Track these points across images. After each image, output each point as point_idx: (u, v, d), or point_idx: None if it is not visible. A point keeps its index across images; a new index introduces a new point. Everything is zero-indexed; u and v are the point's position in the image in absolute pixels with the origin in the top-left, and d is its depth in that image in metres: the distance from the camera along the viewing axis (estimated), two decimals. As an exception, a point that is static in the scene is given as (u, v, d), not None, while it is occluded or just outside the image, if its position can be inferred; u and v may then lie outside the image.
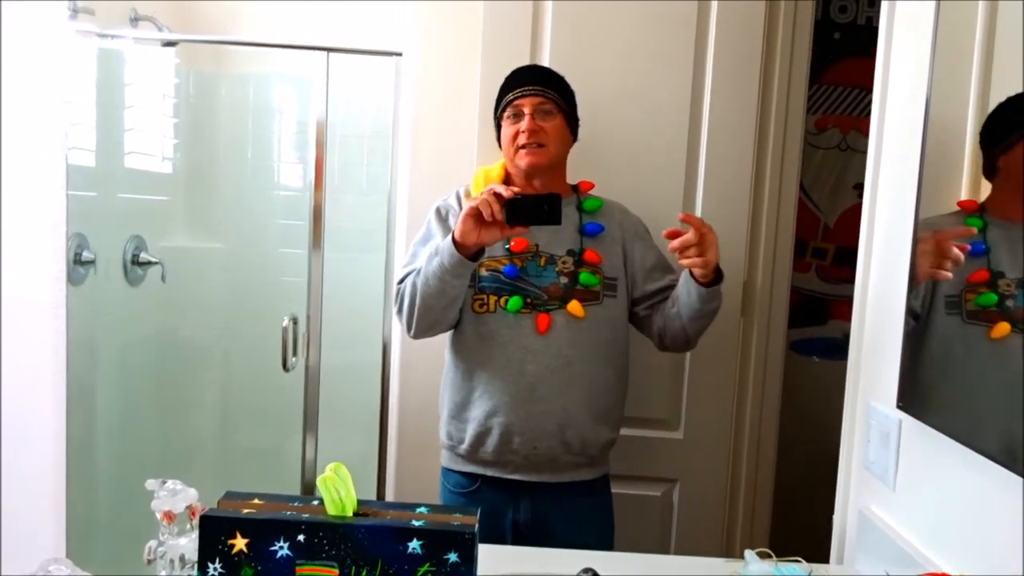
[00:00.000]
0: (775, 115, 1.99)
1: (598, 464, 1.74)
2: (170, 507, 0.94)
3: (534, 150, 1.67)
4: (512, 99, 1.69)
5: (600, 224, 1.73)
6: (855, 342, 1.44)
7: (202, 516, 0.84)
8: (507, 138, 1.70)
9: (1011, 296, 0.99)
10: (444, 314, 1.65)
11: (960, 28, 1.15)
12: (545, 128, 1.67)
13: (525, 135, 1.66)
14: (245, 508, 0.85)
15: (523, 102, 1.68)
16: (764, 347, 2.04)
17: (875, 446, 1.33)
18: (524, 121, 1.67)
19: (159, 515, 0.95)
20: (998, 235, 1.04)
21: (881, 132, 1.40)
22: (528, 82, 1.71)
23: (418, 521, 0.85)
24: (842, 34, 2.65)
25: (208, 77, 2.70)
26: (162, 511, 0.95)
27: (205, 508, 0.93)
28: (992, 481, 0.98)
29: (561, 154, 1.73)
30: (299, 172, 2.77)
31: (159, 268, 2.47)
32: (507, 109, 1.70)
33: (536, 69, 1.77)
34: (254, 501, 0.87)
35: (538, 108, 1.68)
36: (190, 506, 0.96)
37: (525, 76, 1.73)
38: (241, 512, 0.84)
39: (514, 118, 1.69)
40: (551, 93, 1.70)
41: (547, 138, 1.67)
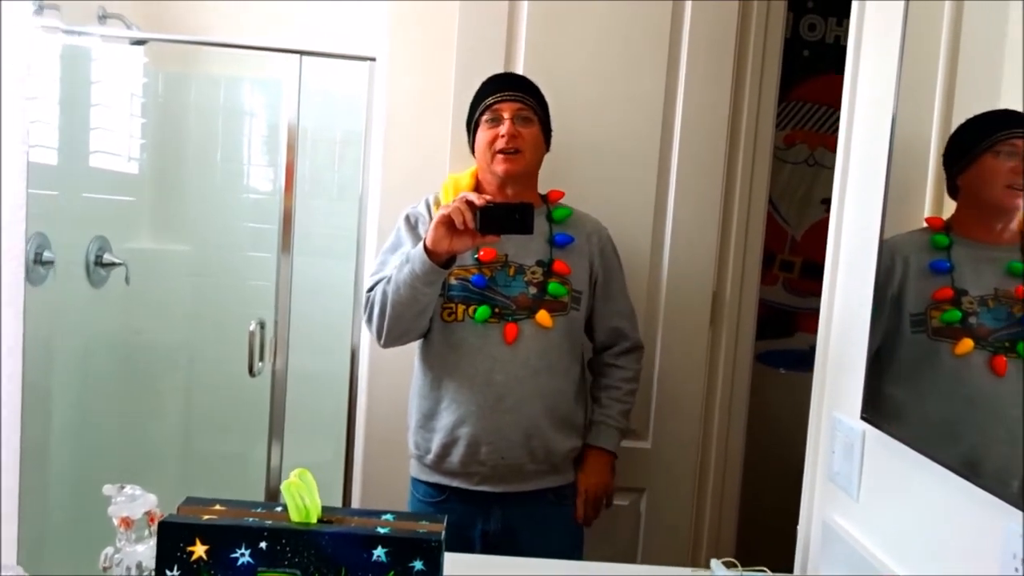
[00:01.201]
0: (745, 130, 2.01)
1: (563, 472, 1.74)
2: (128, 513, 0.92)
3: (511, 156, 1.66)
4: (492, 103, 1.68)
5: (570, 235, 1.73)
6: (821, 355, 1.45)
7: (161, 522, 0.82)
8: (484, 142, 1.69)
9: (974, 313, 1.01)
10: (415, 323, 1.64)
11: (925, 48, 1.17)
12: (523, 135, 1.67)
13: (504, 140, 1.65)
14: (206, 514, 0.83)
15: (503, 107, 1.67)
16: (732, 358, 2.06)
17: (839, 457, 1.34)
18: (503, 126, 1.66)
19: (116, 521, 0.93)
20: (962, 253, 1.06)
21: (848, 149, 1.42)
22: (508, 88, 1.70)
23: (383, 528, 0.84)
24: (811, 52, 2.70)
25: (178, 77, 2.66)
26: (119, 517, 0.92)
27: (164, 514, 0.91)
28: (953, 493, 1.00)
29: (536, 163, 1.73)
30: (269, 175, 2.74)
31: (123, 270, 2.43)
32: (485, 113, 1.69)
33: (515, 76, 1.77)
34: (215, 507, 0.85)
35: (517, 114, 1.67)
36: (149, 512, 0.94)
37: (505, 82, 1.73)
38: (201, 518, 0.82)
39: (492, 122, 1.68)
40: (530, 100, 1.70)
41: (524, 145, 1.67)
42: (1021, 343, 0.91)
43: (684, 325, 1.99)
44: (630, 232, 1.86)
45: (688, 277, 1.99)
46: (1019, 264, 0.94)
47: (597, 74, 1.93)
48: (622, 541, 2.02)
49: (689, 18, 1.94)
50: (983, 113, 1.06)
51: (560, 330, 1.69)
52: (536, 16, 1.93)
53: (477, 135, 1.72)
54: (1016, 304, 0.94)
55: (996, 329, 0.96)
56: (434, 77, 2.02)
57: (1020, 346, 0.91)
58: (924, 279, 1.11)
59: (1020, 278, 0.95)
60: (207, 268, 2.67)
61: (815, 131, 2.72)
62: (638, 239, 1.93)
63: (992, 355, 0.97)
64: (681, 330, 1.99)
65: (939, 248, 1.08)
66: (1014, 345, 0.92)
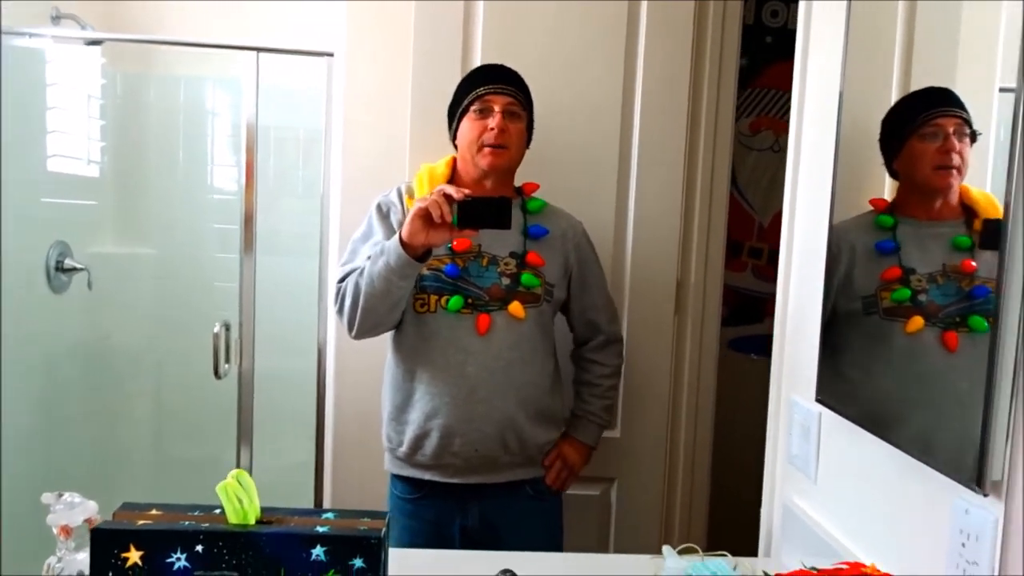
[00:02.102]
0: (705, 117, 2.00)
1: (538, 463, 1.74)
2: (67, 521, 0.90)
3: (497, 151, 1.63)
4: (483, 94, 1.64)
5: (544, 227, 1.72)
6: (778, 339, 1.46)
7: (93, 529, 0.81)
8: (471, 133, 1.64)
9: (923, 291, 1.01)
10: (388, 315, 1.62)
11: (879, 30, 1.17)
12: (511, 130, 1.64)
13: (494, 133, 1.62)
14: (141, 519, 0.82)
15: (494, 99, 1.64)
16: (698, 345, 2.06)
17: (797, 440, 1.35)
18: (494, 119, 1.62)
19: (56, 530, 0.91)
20: (907, 232, 1.06)
21: (799, 135, 1.42)
22: (500, 80, 1.66)
23: (323, 527, 0.82)
24: (774, 38, 2.70)
25: (136, 78, 2.63)
26: (59, 526, 0.91)
27: (106, 520, 0.89)
28: (905, 471, 1.00)
29: (518, 158, 1.70)
30: (233, 175, 2.71)
31: (85, 275, 2.40)
32: (475, 103, 1.64)
33: (507, 69, 1.70)
34: (151, 512, 0.83)
35: (508, 108, 1.64)
36: (89, 519, 0.92)
37: (497, 73, 1.68)
38: (135, 523, 0.81)
39: (481, 114, 1.64)
40: (520, 96, 1.67)
41: (511, 140, 1.64)
42: (972, 317, 0.91)
43: (649, 314, 1.99)
44: (593, 223, 1.84)
45: (652, 266, 1.98)
46: (964, 238, 0.95)
47: (555, 66, 1.92)
48: (594, 531, 2.02)
49: (645, 8, 1.93)
50: (907, 96, 1.07)
51: (533, 322, 1.68)
52: (493, 9, 1.91)
53: (462, 124, 1.67)
54: (964, 279, 0.94)
55: (946, 305, 0.97)
56: (392, 72, 2.00)
57: (972, 320, 0.91)
58: (872, 261, 1.11)
59: (966, 252, 0.95)
60: (172, 271, 2.64)
61: (780, 118, 2.72)
62: (601, 230, 1.92)
63: (943, 331, 0.97)
64: (647, 319, 1.99)
65: (884, 229, 1.08)
66: (965, 320, 0.92)
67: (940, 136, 0.97)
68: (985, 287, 0.87)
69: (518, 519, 1.71)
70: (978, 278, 0.91)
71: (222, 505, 0.85)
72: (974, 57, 0.98)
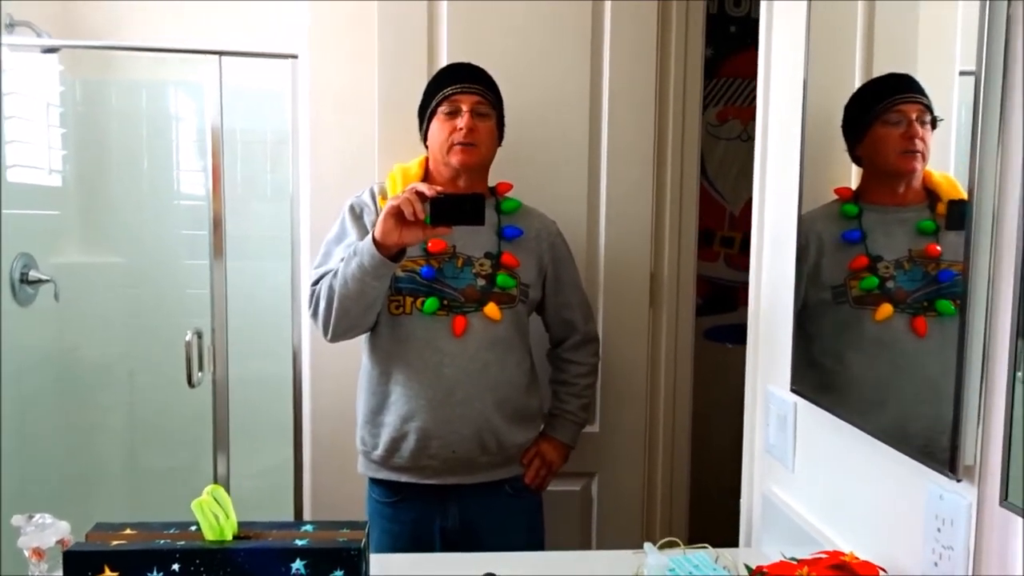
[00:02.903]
0: (673, 109, 2.01)
1: (515, 463, 1.74)
2: (38, 543, 0.88)
3: (468, 149, 1.62)
4: (451, 94, 1.64)
5: (519, 228, 1.71)
6: (752, 329, 1.47)
7: (65, 552, 0.79)
8: (441, 134, 1.64)
9: (891, 278, 1.02)
10: (363, 317, 1.60)
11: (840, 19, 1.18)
12: (480, 128, 1.63)
13: (462, 133, 1.61)
14: (115, 540, 0.80)
15: (462, 99, 1.63)
16: (674, 336, 2.07)
17: (774, 429, 1.36)
18: (462, 119, 1.62)
19: (27, 553, 0.89)
20: (873, 220, 1.07)
21: (766, 124, 1.43)
22: (467, 79, 1.66)
23: (301, 540, 0.81)
24: (737, 27, 2.71)
25: (96, 84, 2.58)
26: (30, 548, 0.89)
27: (79, 541, 0.88)
28: (880, 458, 1.01)
29: (490, 156, 1.70)
30: (200, 180, 2.67)
31: (51, 286, 2.35)
32: (443, 103, 1.64)
33: (474, 68, 1.70)
34: (125, 531, 0.82)
35: (476, 107, 1.63)
36: (62, 540, 0.90)
37: (464, 73, 1.68)
38: (110, 544, 0.79)
39: (450, 114, 1.63)
40: (489, 94, 1.66)
41: (480, 138, 1.64)
42: (939, 301, 0.92)
43: (624, 308, 2.00)
44: (565, 220, 1.84)
45: (625, 260, 1.99)
46: (928, 223, 0.96)
47: (521, 63, 1.91)
48: (576, 527, 2.03)
49: (610, 2, 1.93)
50: (867, 82, 1.07)
51: (509, 323, 1.67)
52: (456, 7, 1.90)
53: (432, 125, 1.67)
54: (930, 263, 0.95)
55: (914, 290, 0.98)
56: (358, 72, 1.98)
57: (939, 304, 0.92)
58: (839, 251, 1.12)
59: (931, 236, 0.96)
60: (141, 279, 2.59)
61: (747, 106, 2.73)
62: (573, 226, 1.92)
63: (912, 317, 0.98)
64: (622, 313, 1.99)
65: (849, 217, 1.09)
66: (932, 304, 0.93)
67: (904, 122, 0.98)
68: (951, 271, 0.88)
69: (498, 518, 1.71)
70: (943, 262, 0.92)
71: (198, 522, 0.83)
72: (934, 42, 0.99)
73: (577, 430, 1.81)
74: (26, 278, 2.31)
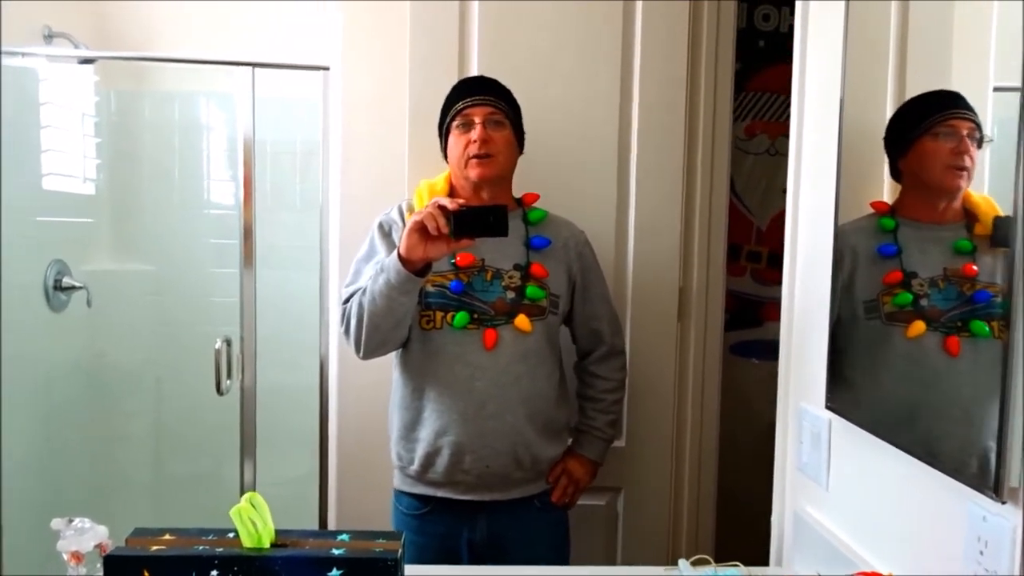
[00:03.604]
0: (703, 122, 2.00)
1: (544, 478, 1.73)
2: (77, 547, 0.89)
3: (484, 161, 1.63)
4: (462, 108, 1.65)
5: (547, 238, 1.71)
6: (784, 346, 1.45)
7: (106, 556, 0.80)
8: (457, 148, 1.65)
9: (925, 295, 1.01)
10: (393, 332, 1.61)
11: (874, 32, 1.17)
12: (495, 139, 1.64)
13: (476, 145, 1.62)
14: (154, 545, 0.81)
15: (473, 111, 1.64)
16: (702, 351, 2.05)
17: (807, 447, 1.34)
18: (475, 131, 1.62)
19: (66, 556, 0.90)
20: (909, 235, 1.06)
21: (800, 138, 1.42)
22: (478, 91, 1.67)
23: (338, 549, 0.82)
24: (766, 42, 2.71)
25: (130, 95, 2.62)
26: (69, 552, 0.90)
27: (116, 546, 0.88)
28: (918, 477, 1.00)
29: (509, 166, 1.70)
30: (230, 190, 2.70)
31: (84, 293, 2.39)
32: (456, 118, 1.65)
33: (485, 79, 1.72)
34: (165, 537, 0.83)
35: (489, 118, 1.64)
36: (100, 544, 0.91)
37: (475, 86, 1.69)
38: (149, 549, 0.80)
39: (464, 128, 1.64)
40: (501, 104, 1.67)
41: (497, 149, 1.64)
42: (974, 322, 0.91)
43: (652, 321, 1.99)
44: (593, 231, 1.84)
45: (654, 273, 1.98)
46: (966, 242, 0.95)
47: (551, 75, 1.92)
48: (601, 542, 2.01)
49: (641, 14, 1.93)
50: (918, 96, 1.07)
51: (539, 334, 1.67)
52: (487, 20, 1.91)
53: (449, 140, 1.68)
54: (966, 283, 0.94)
55: (947, 309, 0.97)
56: (389, 84, 2.00)
57: (973, 325, 0.91)
58: (873, 264, 1.11)
59: (967, 256, 0.95)
60: (170, 287, 2.63)
61: (775, 121, 2.72)
62: (601, 237, 1.92)
63: (945, 336, 0.97)
64: (650, 326, 1.98)
65: (885, 231, 1.08)
66: (966, 324, 0.92)
67: (955, 137, 0.97)
68: (987, 292, 0.87)
69: (525, 533, 1.69)
70: (979, 282, 0.91)
71: (235, 528, 0.84)
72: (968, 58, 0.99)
73: (605, 446, 1.80)
74: (59, 285, 2.35)
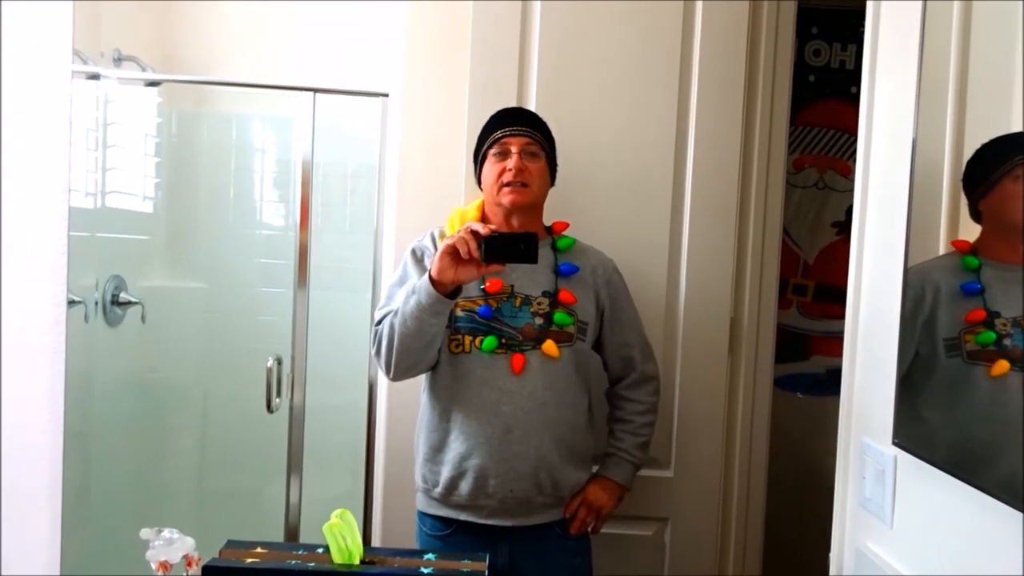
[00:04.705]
0: (758, 156, 2.02)
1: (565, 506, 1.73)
2: (166, 557, 0.91)
3: (518, 189, 1.67)
4: (500, 137, 1.70)
5: (575, 265, 1.74)
6: (847, 381, 1.45)
7: (204, 567, 0.82)
8: (491, 175, 1.70)
9: (1008, 335, 1.01)
10: (423, 354, 1.64)
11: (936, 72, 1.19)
12: (530, 168, 1.68)
13: (512, 173, 1.67)
14: (248, 557, 0.83)
15: (511, 141, 1.69)
16: (752, 384, 2.05)
17: (870, 483, 1.33)
18: (511, 159, 1.67)
19: (154, 565, 0.92)
20: (991, 275, 1.06)
21: (867, 175, 1.43)
22: (516, 122, 1.72)
23: (427, 568, 0.83)
24: (817, 77, 2.72)
25: (190, 116, 2.70)
26: (158, 561, 0.92)
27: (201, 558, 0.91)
28: (990, 517, 0.99)
29: (541, 196, 1.74)
30: (282, 211, 2.76)
31: (139, 308, 2.44)
32: (493, 146, 1.71)
33: (523, 111, 1.79)
34: (257, 550, 0.84)
35: (525, 148, 1.69)
36: (187, 556, 0.93)
37: (513, 116, 1.75)
38: (244, 562, 0.82)
39: (500, 156, 1.69)
40: (537, 135, 1.72)
41: (531, 178, 1.68)
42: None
43: (703, 352, 1.99)
44: (646, 261, 1.86)
45: (705, 304, 1.99)
46: None
47: (609, 105, 1.95)
48: (647, 573, 2.00)
49: (699, 47, 1.96)
50: (999, 137, 1.07)
51: (567, 361, 1.69)
52: (547, 53, 1.95)
53: (484, 168, 1.73)
54: (1049, 325, 0.94)
55: None
56: (448, 111, 2.04)
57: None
58: (955, 302, 1.11)
59: (1051, 298, 0.95)
60: (222, 305, 2.68)
61: (824, 155, 2.73)
62: (654, 268, 1.93)
63: (1029, 376, 0.97)
64: (700, 358, 1.99)
65: (969, 270, 1.08)
66: (1052, 366, 0.92)
67: None
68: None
69: (547, 560, 1.70)
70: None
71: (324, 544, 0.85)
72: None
73: (633, 470, 1.78)
74: (116, 299, 2.40)
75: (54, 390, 0.88)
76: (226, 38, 2.61)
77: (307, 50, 2.59)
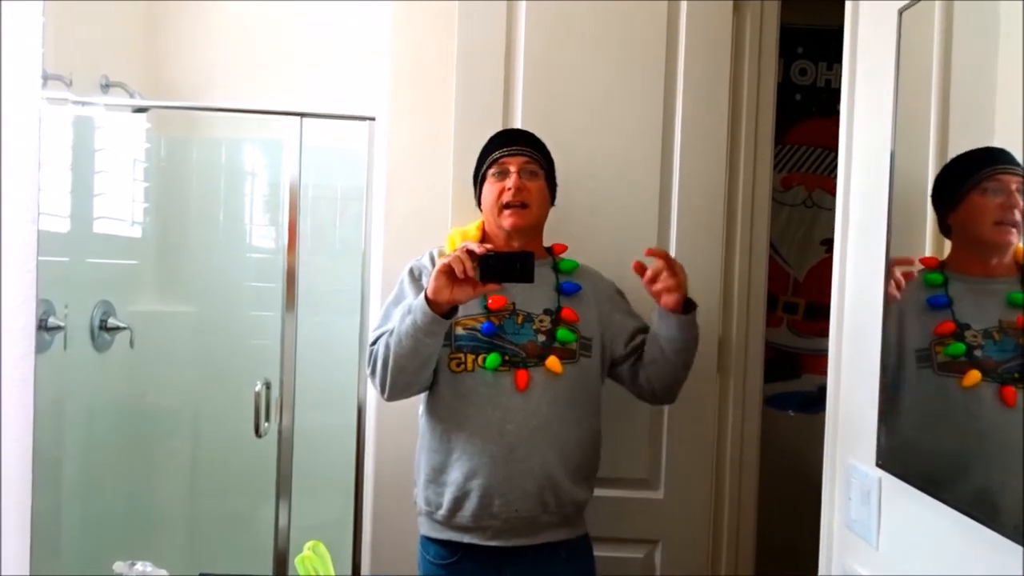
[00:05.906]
0: (743, 175, 2.03)
1: (573, 524, 1.71)
2: (138, 590, 0.90)
3: (518, 211, 1.67)
4: (498, 157, 1.70)
5: (577, 284, 1.74)
6: (832, 401, 1.44)
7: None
8: (491, 195, 1.70)
9: (979, 347, 1.01)
10: (418, 375, 1.63)
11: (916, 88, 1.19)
12: (530, 188, 1.68)
13: (511, 193, 1.67)
14: (218, 590, 0.82)
15: (510, 161, 1.69)
16: (741, 403, 2.04)
17: (856, 504, 1.32)
18: (510, 179, 1.67)
19: (127, 598, 0.91)
20: (960, 289, 1.06)
21: (847, 191, 1.43)
22: (514, 142, 1.72)
23: (399, 599, 0.82)
24: (803, 95, 2.74)
25: (179, 141, 2.70)
26: (130, 594, 0.91)
27: (175, 589, 0.89)
28: (972, 537, 0.98)
29: (542, 216, 1.74)
30: (271, 234, 2.76)
31: (127, 333, 2.43)
32: (492, 167, 1.71)
33: (521, 132, 1.79)
34: (228, 582, 0.83)
35: (524, 167, 1.69)
36: (159, 588, 0.92)
37: (512, 137, 1.75)
38: (214, 595, 0.80)
39: (499, 176, 1.69)
40: (536, 155, 1.72)
41: (531, 198, 1.68)
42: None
43: (692, 373, 1.97)
44: (633, 282, 1.85)
45: (693, 324, 1.98)
46: (1019, 295, 0.95)
47: (593, 127, 1.96)
48: (638, 595, 1.98)
49: (683, 67, 1.97)
50: (965, 152, 1.08)
51: (571, 378, 1.68)
52: (532, 76, 1.96)
53: (484, 189, 1.73)
54: (1021, 335, 0.94)
55: (1004, 360, 0.96)
56: (434, 134, 2.05)
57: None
58: (924, 315, 1.11)
59: (1020, 309, 0.95)
60: (211, 329, 2.67)
61: (812, 173, 2.74)
62: (640, 288, 1.92)
63: (1001, 386, 0.96)
64: (689, 377, 1.97)
65: (934, 286, 1.09)
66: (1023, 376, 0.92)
67: (1002, 192, 0.98)
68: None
69: None
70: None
71: (295, 575, 0.84)
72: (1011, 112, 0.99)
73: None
74: (105, 325, 2.39)
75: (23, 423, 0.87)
76: (214, 63, 2.62)
77: (295, 75, 2.60)
